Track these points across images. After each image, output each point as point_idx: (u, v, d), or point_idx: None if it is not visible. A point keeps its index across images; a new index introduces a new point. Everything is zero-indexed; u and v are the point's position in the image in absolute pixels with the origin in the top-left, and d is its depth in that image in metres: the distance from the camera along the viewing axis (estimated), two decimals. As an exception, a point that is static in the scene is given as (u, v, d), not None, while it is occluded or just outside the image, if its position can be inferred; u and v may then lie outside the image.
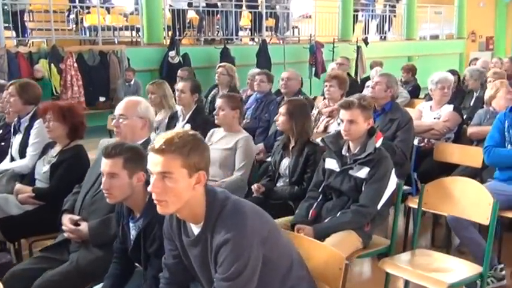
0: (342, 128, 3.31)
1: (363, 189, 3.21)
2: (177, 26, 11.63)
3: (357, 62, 13.57)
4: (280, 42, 13.46)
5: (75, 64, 9.79)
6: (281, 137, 4.00)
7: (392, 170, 3.27)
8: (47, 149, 3.84)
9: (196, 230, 2.02)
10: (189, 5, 12.40)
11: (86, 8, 11.61)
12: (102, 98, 10.32)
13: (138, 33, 11.66)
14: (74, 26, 11.71)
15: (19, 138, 4.15)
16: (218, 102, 4.10)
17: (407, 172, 4.42)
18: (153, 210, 2.10)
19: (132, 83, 9.77)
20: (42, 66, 9.50)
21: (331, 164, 3.38)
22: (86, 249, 2.90)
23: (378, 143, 3.25)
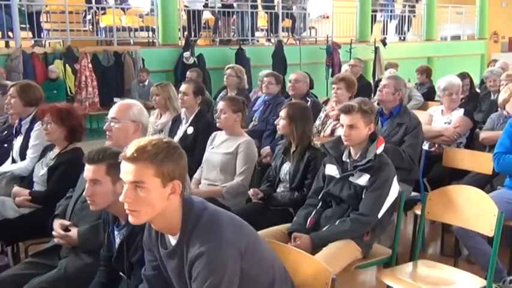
0: (342, 133, 3.20)
1: (363, 197, 3.10)
2: (193, 27, 11.60)
3: (374, 63, 13.39)
4: (296, 43, 13.34)
5: (90, 65, 9.83)
6: (282, 140, 3.90)
7: (395, 177, 3.14)
8: (46, 151, 3.80)
9: (173, 241, 1.94)
10: (205, 5, 12.35)
11: (102, 9, 11.64)
12: (116, 99, 10.23)
13: (154, 34, 11.66)
14: (90, 26, 11.76)
15: (20, 140, 4.13)
16: (220, 105, 4.02)
17: (415, 178, 4.29)
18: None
19: (146, 83, 9.74)
20: (57, 66, 9.54)
21: (331, 170, 3.27)
22: (75, 256, 2.84)
23: (379, 149, 3.12)
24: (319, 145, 3.50)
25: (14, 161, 4.15)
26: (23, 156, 4.06)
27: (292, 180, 3.63)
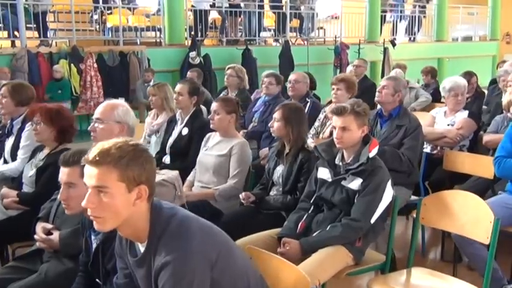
0: (334, 136, 3.10)
1: (355, 202, 2.99)
2: (199, 27, 11.53)
3: (383, 64, 13.26)
4: (304, 43, 13.23)
5: (95, 65, 9.80)
6: (276, 143, 3.80)
7: (389, 181, 3.03)
8: (36, 152, 3.74)
9: (142, 249, 1.85)
10: (212, 5, 12.28)
11: (109, 9, 11.61)
12: (121, 99, 10.27)
13: (160, 34, 11.61)
14: (97, 26, 11.74)
15: (11, 140, 4.08)
16: (213, 106, 3.93)
17: (415, 181, 4.17)
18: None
19: (151, 83, 9.67)
20: (62, 66, 9.52)
21: (324, 174, 3.17)
22: (57, 260, 2.76)
23: (372, 153, 3.01)
24: (312, 147, 3.40)
25: (5, 161, 4.10)
26: (14, 156, 4.02)
27: (285, 183, 3.53)
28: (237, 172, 3.79)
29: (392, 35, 14.88)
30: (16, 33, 9.74)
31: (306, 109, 5.02)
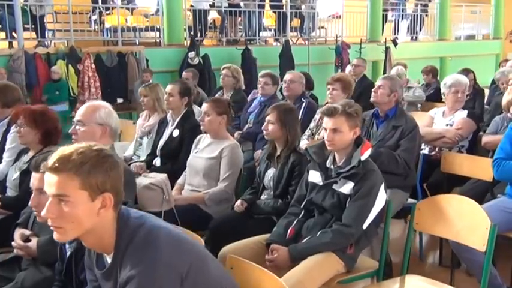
0: (325, 137, 2.98)
1: (346, 207, 2.87)
2: (199, 27, 11.42)
3: (385, 63, 13.11)
4: (305, 42, 13.10)
5: (93, 65, 9.68)
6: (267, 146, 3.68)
7: (381, 185, 2.91)
8: (20, 154, 3.64)
9: (109, 261, 1.73)
10: (211, 5, 12.17)
11: (107, 9, 11.52)
12: (119, 100, 10.18)
13: (159, 34, 11.51)
14: (95, 27, 11.65)
15: (-4, 143, 3.97)
16: (203, 107, 3.82)
17: (412, 184, 4.05)
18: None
19: (149, 84, 9.59)
20: (59, 67, 9.43)
21: (315, 177, 3.05)
22: (35, 268, 2.66)
23: (364, 155, 2.89)
24: (303, 149, 3.28)
25: (-9, 164, 4.00)
26: (-1, 159, 3.92)
27: (276, 186, 3.41)
28: (228, 175, 3.68)
29: (394, 34, 14.72)
30: (14, 34, 9.65)
31: (301, 109, 4.91)
